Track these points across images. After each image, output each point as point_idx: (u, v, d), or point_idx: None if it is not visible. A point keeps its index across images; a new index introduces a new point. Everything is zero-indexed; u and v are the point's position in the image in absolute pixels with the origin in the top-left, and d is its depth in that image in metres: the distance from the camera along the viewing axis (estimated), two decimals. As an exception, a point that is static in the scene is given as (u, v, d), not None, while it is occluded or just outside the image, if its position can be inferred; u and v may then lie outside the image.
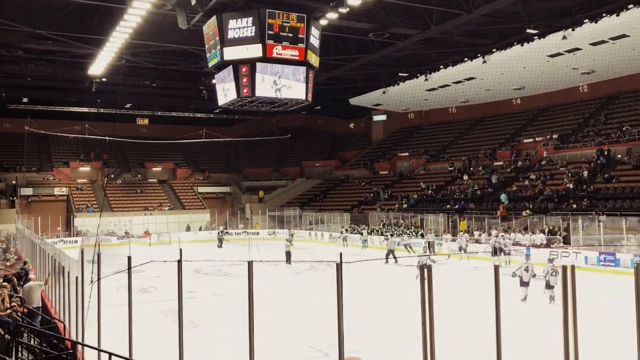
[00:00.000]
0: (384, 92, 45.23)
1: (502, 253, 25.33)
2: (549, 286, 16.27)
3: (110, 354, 7.35)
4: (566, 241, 27.14)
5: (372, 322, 13.99)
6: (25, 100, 50.42)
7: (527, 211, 31.85)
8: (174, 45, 31.96)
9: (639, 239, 24.39)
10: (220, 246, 38.07)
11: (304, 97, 24.22)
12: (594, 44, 31.95)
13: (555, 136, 39.82)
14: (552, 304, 15.73)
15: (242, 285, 7.30)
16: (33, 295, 12.79)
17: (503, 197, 34.94)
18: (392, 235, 32.39)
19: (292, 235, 38.39)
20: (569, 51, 33.24)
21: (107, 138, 39.50)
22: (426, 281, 5.83)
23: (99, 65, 33.86)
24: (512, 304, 16.05)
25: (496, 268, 6.12)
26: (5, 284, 12.91)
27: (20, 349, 8.78)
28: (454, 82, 42.28)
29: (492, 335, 5.99)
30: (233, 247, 37.26)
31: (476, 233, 31.54)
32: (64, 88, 47.03)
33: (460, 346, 11.46)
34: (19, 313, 10.55)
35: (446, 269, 24.65)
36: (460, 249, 28.92)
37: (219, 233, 40.13)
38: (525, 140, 42.43)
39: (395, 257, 26.95)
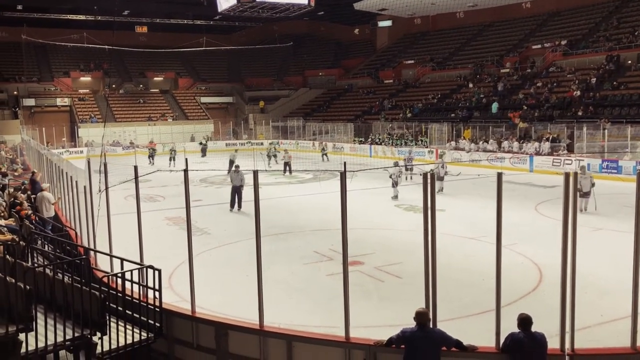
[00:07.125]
0: (389, -4, 43.65)
1: None
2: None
3: (122, 259, 7.60)
4: (570, 149, 27.17)
5: (377, 230, 14.33)
6: (19, 7, 48.91)
7: (520, 121, 31.60)
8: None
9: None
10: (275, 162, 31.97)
11: (306, 1, 23.46)
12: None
13: (564, 42, 38.75)
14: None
15: (248, 194, 7.43)
16: (46, 204, 13.06)
17: (494, 106, 34.63)
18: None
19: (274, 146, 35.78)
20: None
21: (106, 47, 38.50)
22: (429, 188, 5.91)
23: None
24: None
25: (499, 175, 6.16)
26: (19, 194, 13.18)
27: (35, 254, 9.10)
28: (462, -15, 40.67)
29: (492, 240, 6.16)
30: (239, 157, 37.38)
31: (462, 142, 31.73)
32: (58, -6, 45.55)
33: (462, 253, 11.82)
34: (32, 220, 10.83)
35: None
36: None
37: (272, 149, 34.46)
38: (533, 47, 41.31)
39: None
